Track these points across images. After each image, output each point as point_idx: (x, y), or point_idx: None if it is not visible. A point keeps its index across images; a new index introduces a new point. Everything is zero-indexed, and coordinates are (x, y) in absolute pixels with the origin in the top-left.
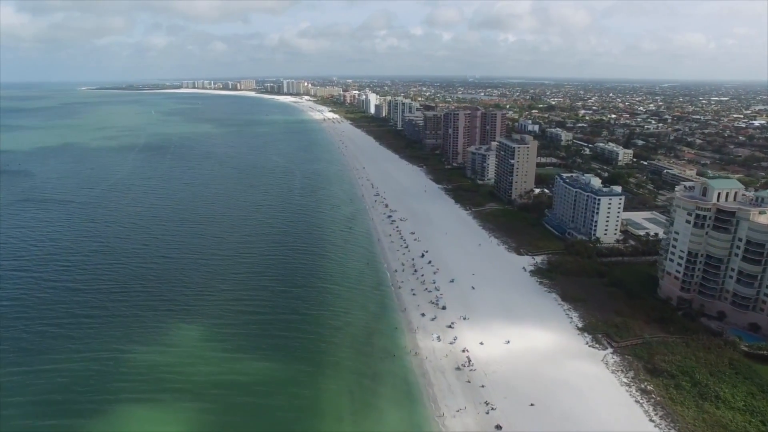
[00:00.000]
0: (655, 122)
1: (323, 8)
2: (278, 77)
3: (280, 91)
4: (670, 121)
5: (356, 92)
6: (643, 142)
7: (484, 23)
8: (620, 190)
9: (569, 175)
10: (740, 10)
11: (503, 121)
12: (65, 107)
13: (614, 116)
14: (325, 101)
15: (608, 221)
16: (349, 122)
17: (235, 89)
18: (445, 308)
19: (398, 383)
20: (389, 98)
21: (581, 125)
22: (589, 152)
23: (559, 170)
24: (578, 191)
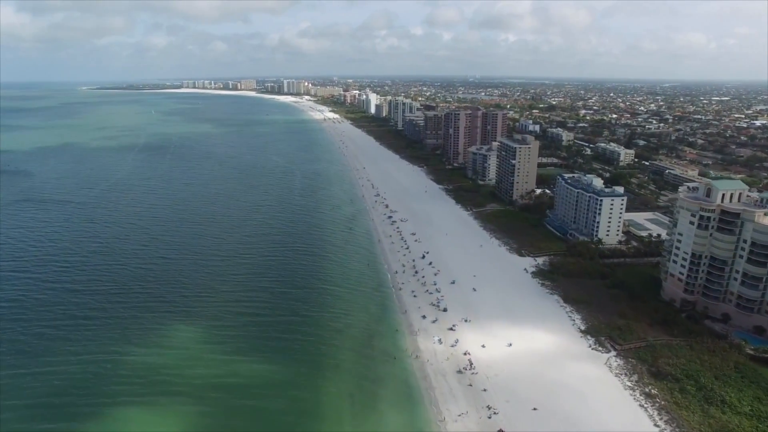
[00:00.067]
0: (656, 122)
1: (323, 8)
2: (278, 77)
3: (280, 91)
4: (671, 121)
5: (356, 92)
6: (644, 142)
7: (484, 23)
8: (622, 190)
9: (571, 175)
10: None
11: (504, 121)
12: (65, 107)
13: (615, 116)
14: (325, 101)
15: (610, 222)
16: (349, 122)
17: (235, 89)
18: (446, 310)
19: (399, 386)
20: (390, 98)
21: (582, 125)
22: (590, 152)
23: (560, 170)
24: (580, 192)
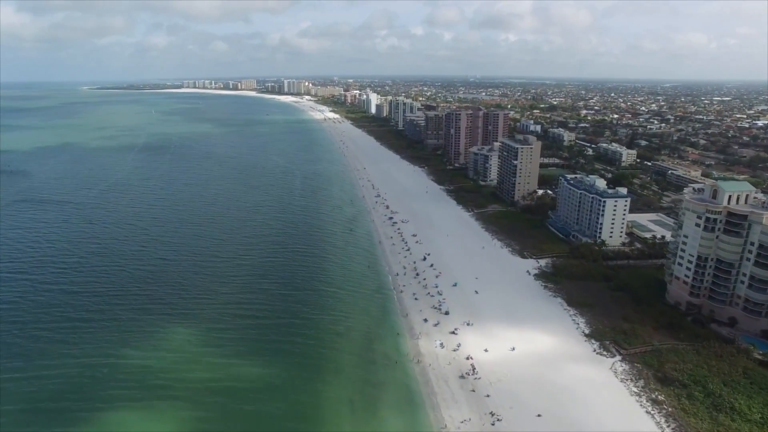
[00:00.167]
0: (657, 122)
1: (324, 8)
2: (279, 77)
3: (280, 90)
4: (672, 121)
5: (357, 92)
6: (646, 142)
7: (484, 23)
8: (626, 191)
9: (573, 176)
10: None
11: (506, 121)
12: (65, 107)
13: (616, 116)
14: (325, 101)
15: (614, 223)
16: (349, 122)
17: (235, 89)
18: (448, 313)
19: (400, 391)
20: (390, 98)
21: (583, 125)
22: (592, 153)
23: (562, 171)
24: (583, 193)
